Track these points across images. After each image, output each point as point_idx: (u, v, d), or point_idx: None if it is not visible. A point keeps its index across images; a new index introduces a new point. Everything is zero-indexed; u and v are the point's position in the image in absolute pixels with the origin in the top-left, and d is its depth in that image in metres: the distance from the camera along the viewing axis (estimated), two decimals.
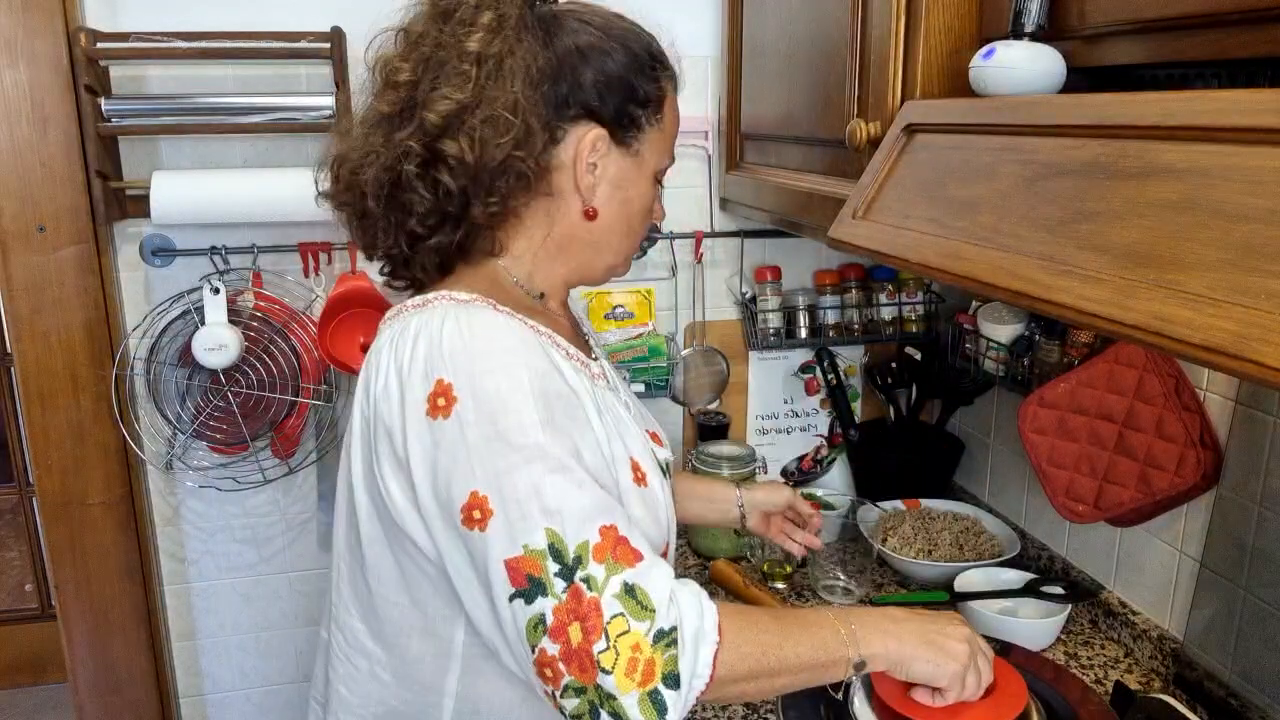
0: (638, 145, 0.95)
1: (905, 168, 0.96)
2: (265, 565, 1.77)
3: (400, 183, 0.88)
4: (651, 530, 0.92)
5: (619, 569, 0.78)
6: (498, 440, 0.79)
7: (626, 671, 0.75)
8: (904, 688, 1.01)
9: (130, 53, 1.48)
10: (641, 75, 0.93)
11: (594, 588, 0.77)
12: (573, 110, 0.91)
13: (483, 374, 0.81)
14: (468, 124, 0.85)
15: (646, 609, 0.77)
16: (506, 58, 0.86)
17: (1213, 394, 1.23)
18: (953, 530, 1.61)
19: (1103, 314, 0.64)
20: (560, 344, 0.93)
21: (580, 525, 0.78)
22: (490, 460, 0.79)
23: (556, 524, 0.78)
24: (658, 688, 0.76)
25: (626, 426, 0.96)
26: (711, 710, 1.25)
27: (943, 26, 1.01)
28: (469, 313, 0.85)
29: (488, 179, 0.87)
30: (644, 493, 0.93)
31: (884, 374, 1.85)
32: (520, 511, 0.78)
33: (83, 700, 1.70)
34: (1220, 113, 0.62)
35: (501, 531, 0.78)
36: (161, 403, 1.61)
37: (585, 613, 0.76)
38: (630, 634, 0.76)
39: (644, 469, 0.94)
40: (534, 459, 0.79)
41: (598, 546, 0.78)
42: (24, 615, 2.90)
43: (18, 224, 1.49)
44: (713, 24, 1.68)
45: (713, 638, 0.79)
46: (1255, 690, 1.15)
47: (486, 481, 0.79)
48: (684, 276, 1.80)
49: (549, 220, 0.95)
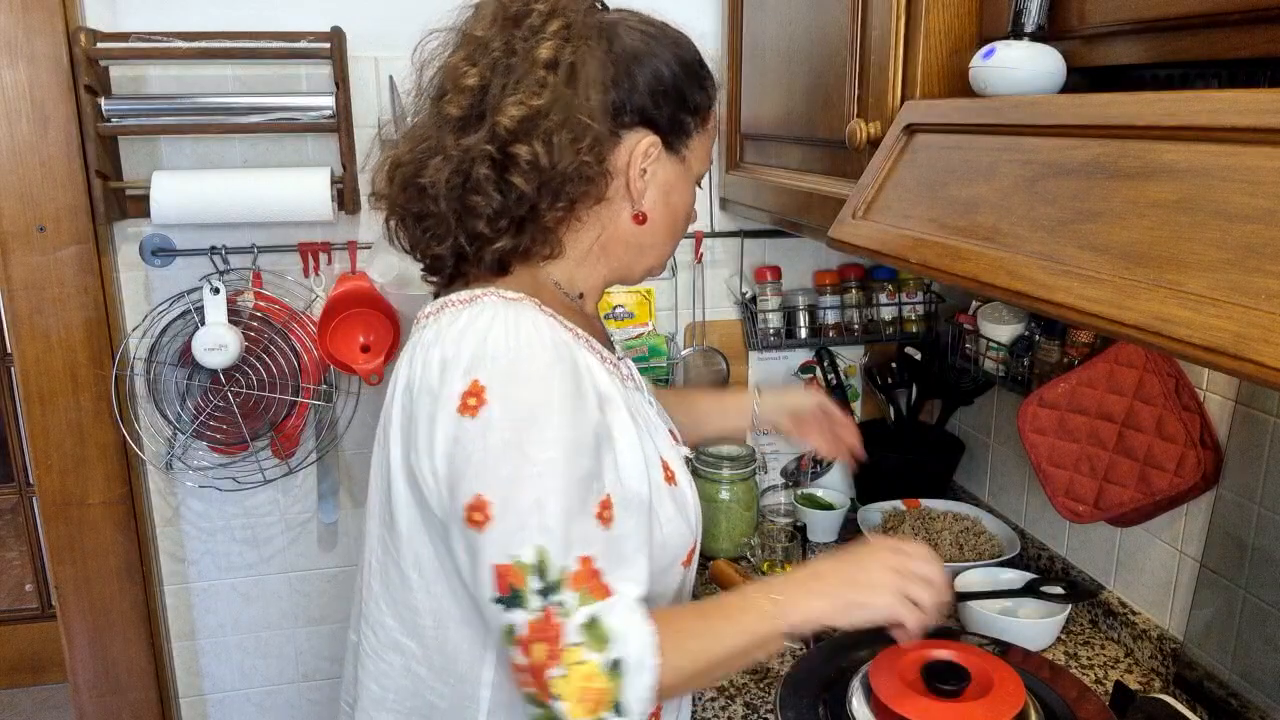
0: (685, 152, 0.98)
1: (905, 168, 0.96)
2: (265, 565, 1.77)
3: (470, 185, 0.89)
4: (681, 528, 0.96)
5: (590, 601, 0.81)
6: (516, 449, 0.81)
7: (579, 699, 0.79)
8: (904, 688, 1.01)
9: (130, 53, 1.48)
10: (693, 83, 0.96)
11: (564, 613, 0.80)
12: (629, 117, 0.93)
13: (519, 382, 0.83)
14: (542, 128, 0.87)
15: (603, 642, 0.80)
16: (580, 65, 0.88)
17: (1213, 394, 1.23)
18: (953, 530, 1.61)
19: (1103, 314, 0.64)
20: (595, 347, 0.95)
21: (567, 550, 0.81)
22: (503, 467, 0.81)
23: (548, 543, 0.80)
24: (605, 717, 0.79)
25: (656, 426, 1.00)
26: (712, 711, 1.25)
27: (943, 27, 1.01)
28: (517, 314, 0.86)
29: (558, 182, 0.88)
30: (674, 491, 0.96)
31: (884, 374, 1.85)
32: (519, 522, 0.80)
33: (83, 700, 1.70)
34: (1220, 113, 0.62)
35: (497, 537, 0.81)
36: (161, 403, 1.61)
37: (551, 635, 0.80)
38: (585, 664, 0.79)
39: (673, 468, 0.97)
40: (545, 475, 0.81)
41: (576, 575, 0.81)
42: (24, 615, 2.90)
43: (18, 224, 1.49)
44: (713, 24, 1.68)
45: (652, 663, 0.81)
46: (1255, 690, 1.15)
47: (495, 486, 0.81)
48: (684, 276, 1.80)
49: (599, 224, 0.97)
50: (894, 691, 1.01)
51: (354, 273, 1.62)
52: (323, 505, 1.74)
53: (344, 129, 1.52)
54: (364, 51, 1.56)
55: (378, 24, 1.55)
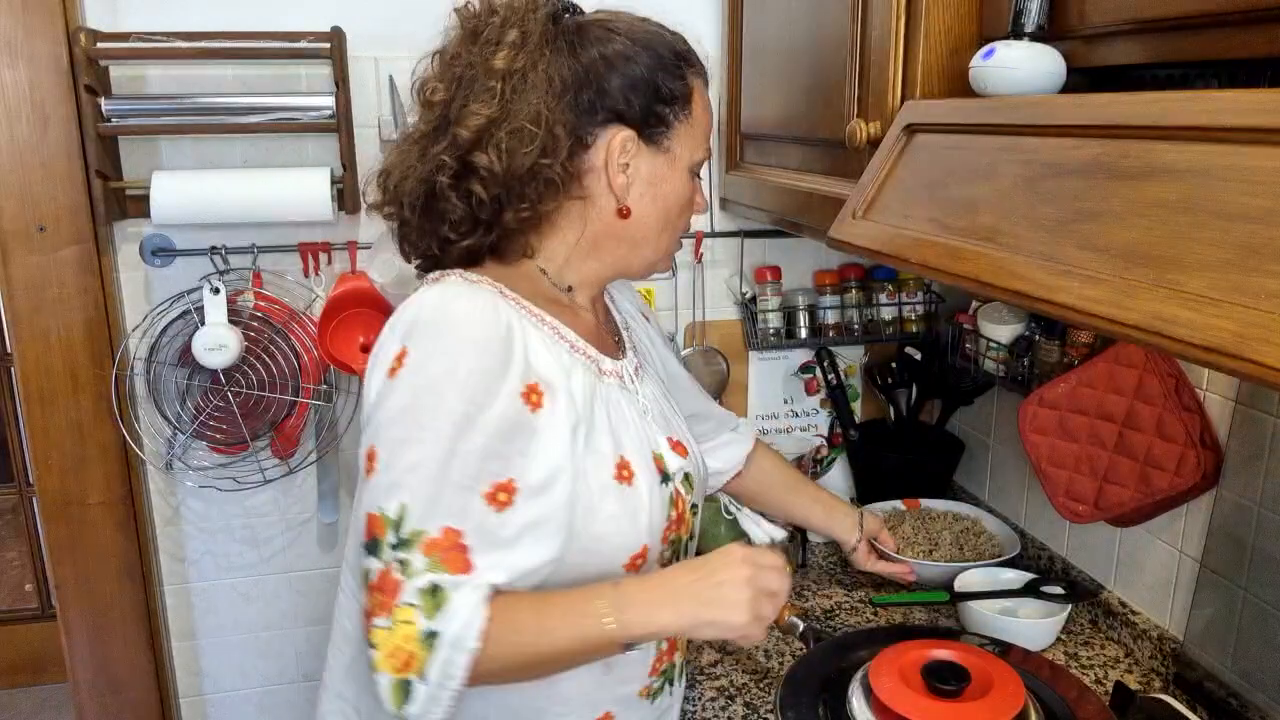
0: (668, 142, 0.98)
1: (905, 168, 0.96)
2: (265, 565, 1.77)
3: (435, 193, 0.95)
4: (625, 528, 0.96)
5: (438, 569, 0.83)
6: (411, 414, 0.86)
7: (389, 654, 0.82)
8: (904, 688, 1.01)
9: (130, 53, 1.48)
10: (666, 74, 0.97)
11: (405, 572, 0.83)
12: (600, 115, 0.95)
13: (431, 353, 0.87)
14: (495, 137, 0.91)
15: (436, 611, 0.82)
16: (529, 72, 0.91)
17: (1213, 394, 1.23)
18: (953, 530, 1.61)
19: (1103, 314, 0.64)
20: (566, 338, 0.97)
21: (426, 515, 0.84)
22: (396, 427, 0.86)
23: (412, 503, 0.84)
24: (411, 679, 0.82)
25: (629, 426, 1.00)
26: (712, 711, 1.25)
27: (943, 27, 1.01)
28: (461, 292, 0.91)
29: (517, 187, 0.93)
30: (625, 490, 0.96)
31: (884, 374, 1.85)
32: (393, 479, 0.85)
33: (83, 700, 1.70)
34: (1220, 113, 0.62)
35: (374, 487, 0.86)
36: (161, 403, 1.61)
37: (388, 588, 0.83)
38: (411, 625, 0.82)
39: (635, 469, 0.97)
40: (428, 442, 0.85)
41: (431, 541, 0.84)
42: (24, 615, 2.90)
43: (18, 224, 1.49)
44: (713, 24, 1.68)
45: (471, 645, 0.82)
46: (1255, 690, 1.15)
47: (385, 443, 0.87)
48: (684, 276, 1.80)
49: (583, 221, 0.99)
50: (894, 691, 1.01)
51: (354, 273, 1.62)
52: (323, 505, 1.74)
53: (344, 129, 1.52)
54: (364, 51, 1.56)
55: (378, 24, 1.55)
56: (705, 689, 1.30)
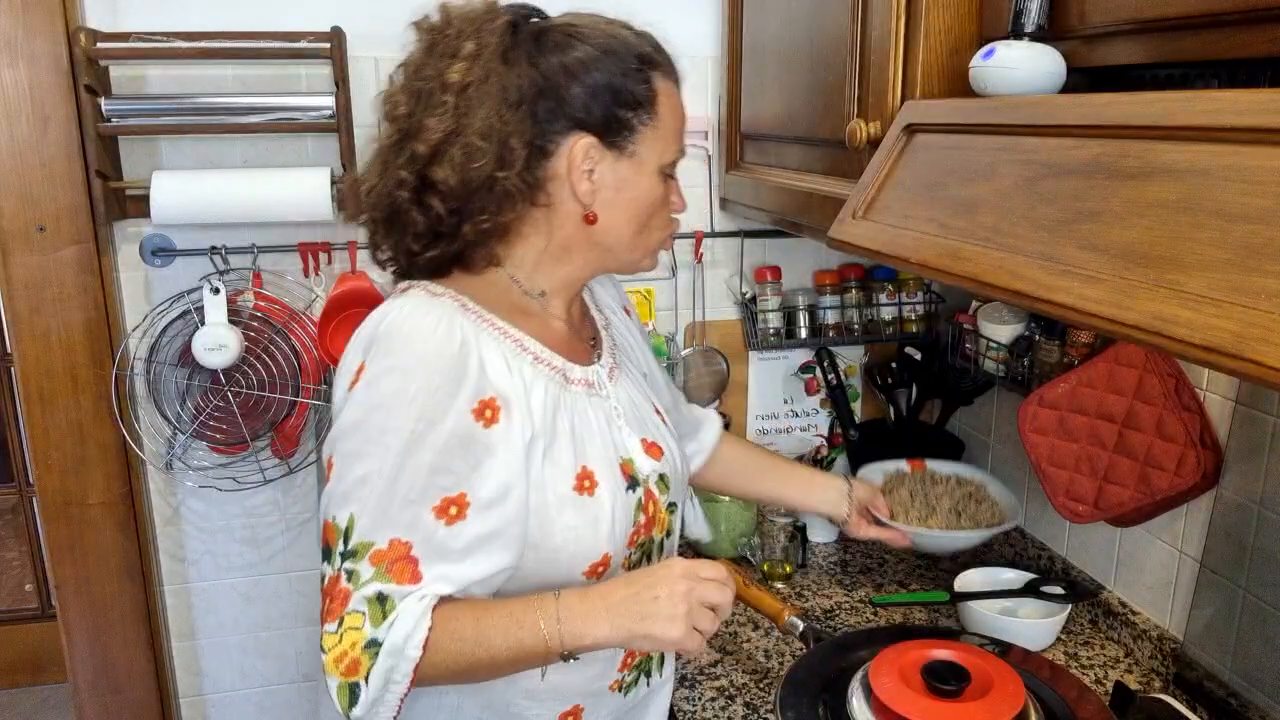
0: (632, 147, 0.97)
1: (905, 168, 0.96)
2: (265, 565, 1.77)
3: (396, 208, 0.96)
4: (585, 538, 0.96)
5: (385, 580, 0.87)
6: (362, 429, 0.89)
7: (336, 659, 0.86)
8: (904, 688, 1.01)
9: (130, 53, 1.48)
10: (628, 78, 0.95)
11: (352, 580, 0.87)
12: (561, 123, 0.94)
13: (385, 370, 0.89)
14: (449, 152, 0.91)
15: (382, 619, 0.86)
16: (483, 84, 0.91)
17: (1213, 394, 1.23)
18: (953, 496, 1.55)
19: (1103, 314, 0.64)
20: (530, 349, 0.97)
21: (374, 527, 0.87)
22: (348, 439, 0.89)
23: (360, 515, 0.87)
24: (358, 682, 0.86)
25: (594, 435, 1.00)
26: (712, 711, 1.25)
27: (943, 27, 1.01)
28: (423, 305, 0.92)
29: (475, 199, 0.93)
30: (585, 501, 0.97)
31: (884, 374, 1.85)
32: (344, 490, 0.88)
33: (83, 700, 1.70)
34: (1220, 113, 0.62)
35: (330, 496, 0.90)
36: (161, 403, 1.61)
37: (338, 595, 0.87)
38: (358, 631, 0.86)
39: (598, 478, 0.98)
40: (376, 456, 0.87)
41: (378, 552, 0.87)
42: (24, 615, 2.90)
43: (18, 224, 1.49)
44: (713, 24, 1.68)
45: (412, 654, 0.86)
46: (1255, 690, 1.15)
47: (341, 453, 0.90)
48: (684, 276, 1.80)
49: (549, 228, 0.99)
50: (894, 691, 1.01)
51: (354, 273, 1.62)
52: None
53: (344, 129, 1.52)
54: (364, 51, 1.56)
55: (378, 24, 1.55)
56: (705, 689, 1.30)
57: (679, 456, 1.13)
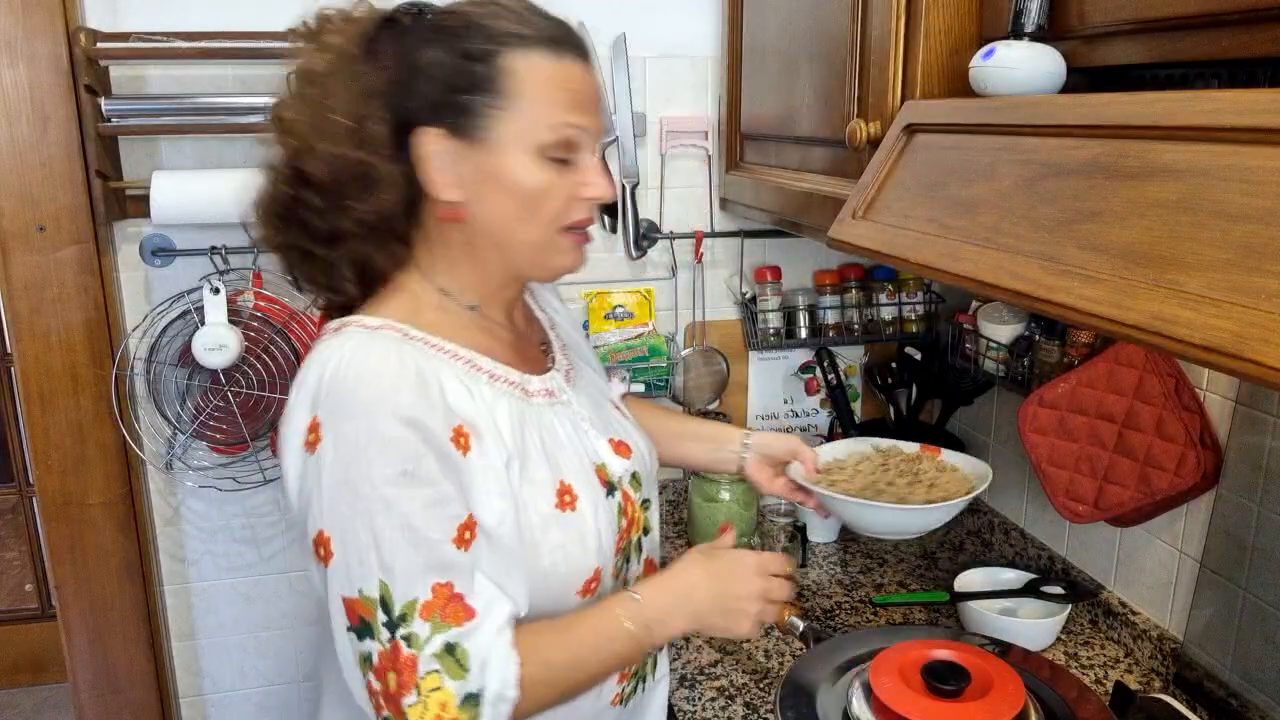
0: (483, 132, 0.89)
1: (905, 168, 0.96)
2: (265, 565, 1.77)
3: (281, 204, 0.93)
4: (574, 556, 0.94)
5: (445, 628, 0.82)
6: (346, 487, 0.83)
7: None
8: (904, 688, 1.01)
9: (130, 53, 1.48)
10: (468, 60, 0.88)
11: (414, 645, 0.81)
12: (411, 116, 0.89)
13: (346, 418, 0.84)
14: (317, 145, 0.89)
15: (462, 668, 0.82)
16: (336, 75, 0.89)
17: (1213, 394, 1.23)
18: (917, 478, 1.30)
19: (1103, 314, 0.64)
20: (484, 368, 0.94)
21: (410, 583, 0.82)
22: (337, 505, 0.83)
23: (389, 578, 0.82)
24: None
25: (564, 446, 0.97)
26: (712, 711, 1.25)
27: (943, 26, 1.01)
28: (366, 345, 0.87)
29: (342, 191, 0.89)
30: (568, 518, 0.94)
31: (884, 374, 1.85)
32: (359, 559, 0.82)
33: (83, 700, 1.70)
34: (1220, 113, 0.62)
35: (341, 572, 0.83)
36: (161, 403, 1.61)
37: (401, 666, 0.81)
38: (441, 691, 0.81)
39: (576, 491, 0.95)
40: (377, 512, 0.82)
41: (427, 604, 0.82)
42: (24, 615, 2.90)
43: (18, 224, 1.49)
44: (713, 24, 1.68)
45: (511, 695, 0.83)
46: (1255, 690, 1.15)
47: (332, 524, 0.83)
48: (684, 276, 1.80)
49: (440, 232, 0.95)
50: (894, 691, 1.01)
51: None
52: None
53: None
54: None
55: None
56: (705, 689, 1.30)
57: (646, 449, 1.11)
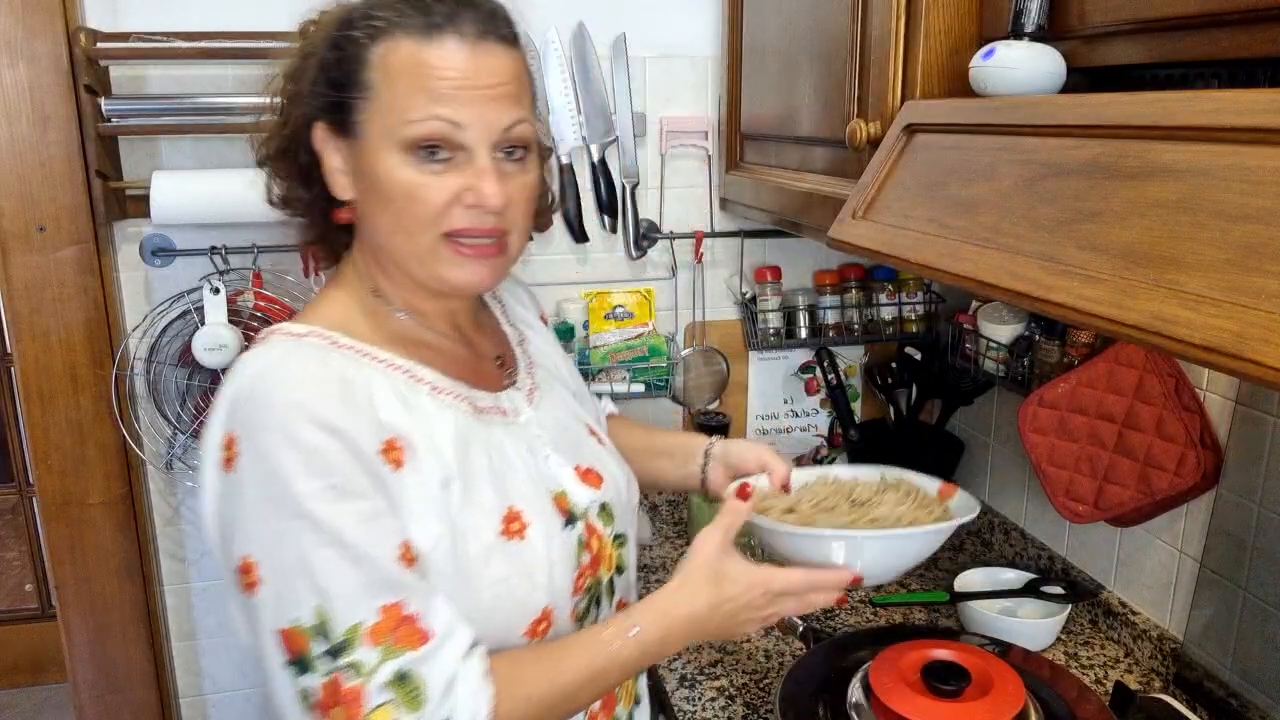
0: (358, 128, 0.85)
1: (905, 168, 0.96)
2: None
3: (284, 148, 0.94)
4: (519, 591, 0.85)
5: (397, 653, 0.75)
6: (269, 505, 0.76)
7: None
8: (904, 688, 1.01)
9: (130, 53, 1.48)
10: (339, 52, 0.85)
11: (360, 673, 0.74)
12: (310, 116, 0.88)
13: (262, 429, 0.76)
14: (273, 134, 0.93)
15: (418, 699, 0.74)
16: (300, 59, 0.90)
17: (1213, 394, 1.23)
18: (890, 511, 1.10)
19: (1103, 314, 0.64)
20: (425, 379, 0.87)
21: (351, 606, 0.74)
22: (261, 526, 0.76)
23: (325, 602, 0.74)
24: None
25: (516, 469, 0.90)
26: (712, 711, 1.25)
27: (943, 27, 1.01)
28: (287, 354, 0.82)
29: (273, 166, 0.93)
30: (515, 547, 0.86)
31: (884, 374, 1.85)
32: (288, 584, 0.75)
33: (83, 700, 1.70)
34: (1220, 113, 0.62)
35: (271, 601, 0.75)
36: (161, 403, 1.61)
37: (348, 699, 0.73)
38: None
39: (527, 519, 0.87)
40: (304, 531, 0.75)
41: (375, 627, 0.74)
42: (24, 615, 2.90)
43: (18, 224, 1.49)
44: (713, 24, 1.68)
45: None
46: (1255, 690, 1.15)
47: (258, 547, 0.76)
48: (684, 276, 1.80)
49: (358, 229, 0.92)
50: (894, 691, 1.01)
51: None
52: None
53: None
54: None
55: None
56: (705, 689, 1.30)
57: (624, 480, 1.03)
